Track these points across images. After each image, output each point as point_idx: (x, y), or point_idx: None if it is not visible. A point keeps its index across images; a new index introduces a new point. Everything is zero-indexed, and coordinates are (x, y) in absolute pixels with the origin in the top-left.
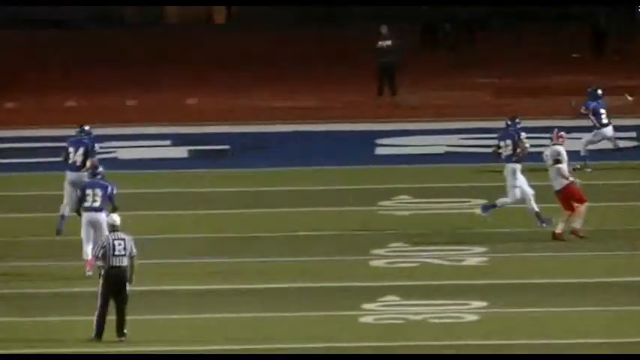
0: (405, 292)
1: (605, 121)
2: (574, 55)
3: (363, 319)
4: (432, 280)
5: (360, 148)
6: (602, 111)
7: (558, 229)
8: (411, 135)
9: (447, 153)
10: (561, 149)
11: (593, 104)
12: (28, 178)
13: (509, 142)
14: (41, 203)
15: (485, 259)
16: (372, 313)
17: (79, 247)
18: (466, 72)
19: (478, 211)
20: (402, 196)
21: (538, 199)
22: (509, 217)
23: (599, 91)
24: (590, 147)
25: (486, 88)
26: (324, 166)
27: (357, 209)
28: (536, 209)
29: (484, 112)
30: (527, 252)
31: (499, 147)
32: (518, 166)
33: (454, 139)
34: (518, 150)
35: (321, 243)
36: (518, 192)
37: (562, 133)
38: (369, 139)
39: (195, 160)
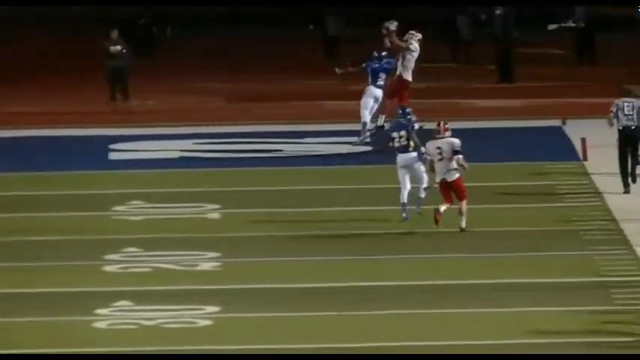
0: (139, 298)
1: (380, 82)
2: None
3: (96, 325)
4: (165, 286)
5: (93, 154)
6: (382, 75)
7: (442, 210)
8: (145, 140)
9: (181, 158)
10: (457, 141)
11: (374, 65)
12: None
13: (403, 132)
14: None
15: (218, 264)
16: (105, 318)
17: None
18: (199, 76)
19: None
20: (135, 201)
21: None
22: (243, 222)
23: (384, 54)
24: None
25: (220, 93)
26: (55, 171)
27: (91, 214)
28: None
29: (217, 117)
30: (259, 257)
31: (392, 139)
32: (414, 155)
33: (188, 144)
34: (412, 142)
35: (54, 248)
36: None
37: (447, 125)
38: (103, 144)
39: None
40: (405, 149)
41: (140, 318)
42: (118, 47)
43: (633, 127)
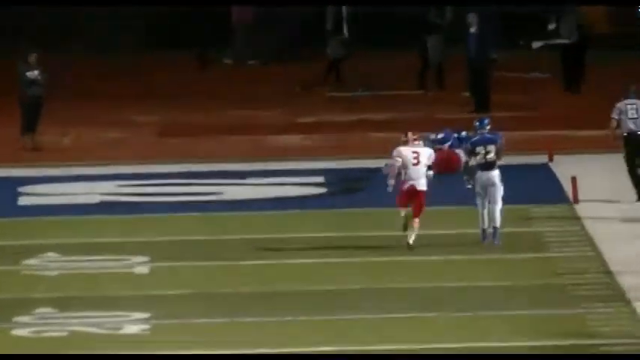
0: None
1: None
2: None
3: None
4: (85, 351)
5: (0, 198)
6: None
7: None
8: (61, 182)
9: (103, 203)
10: (432, 152)
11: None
12: None
13: (491, 147)
14: None
15: (146, 326)
16: None
17: None
18: (124, 108)
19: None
20: (49, 254)
21: None
22: (176, 277)
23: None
24: None
25: (148, 126)
26: None
27: None
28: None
29: (146, 154)
30: (194, 318)
31: (476, 155)
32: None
33: (110, 186)
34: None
35: None
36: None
37: (416, 136)
38: (11, 186)
39: None
40: (491, 166)
41: None
42: (36, 72)
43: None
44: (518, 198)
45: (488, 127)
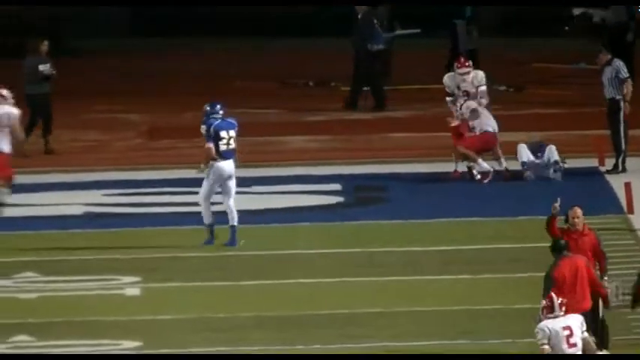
0: None
1: None
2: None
3: None
4: None
5: None
6: None
7: None
8: (39, 191)
9: (87, 214)
10: None
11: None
12: None
13: (232, 132)
14: None
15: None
16: None
17: None
18: (109, 104)
19: None
20: (26, 273)
21: None
22: (172, 300)
23: None
24: None
25: (138, 126)
26: None
27: None
28: None
29: (135, 159)
30: (192, 347)
31: (220, 139)
32: None
33: (95, 195)
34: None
35: None
36: None
37: None
38: None
39: None
40: (232, 154)
41: None
42: (48, 65)
43: None
44: (564, 207)
45: (221, 112)
